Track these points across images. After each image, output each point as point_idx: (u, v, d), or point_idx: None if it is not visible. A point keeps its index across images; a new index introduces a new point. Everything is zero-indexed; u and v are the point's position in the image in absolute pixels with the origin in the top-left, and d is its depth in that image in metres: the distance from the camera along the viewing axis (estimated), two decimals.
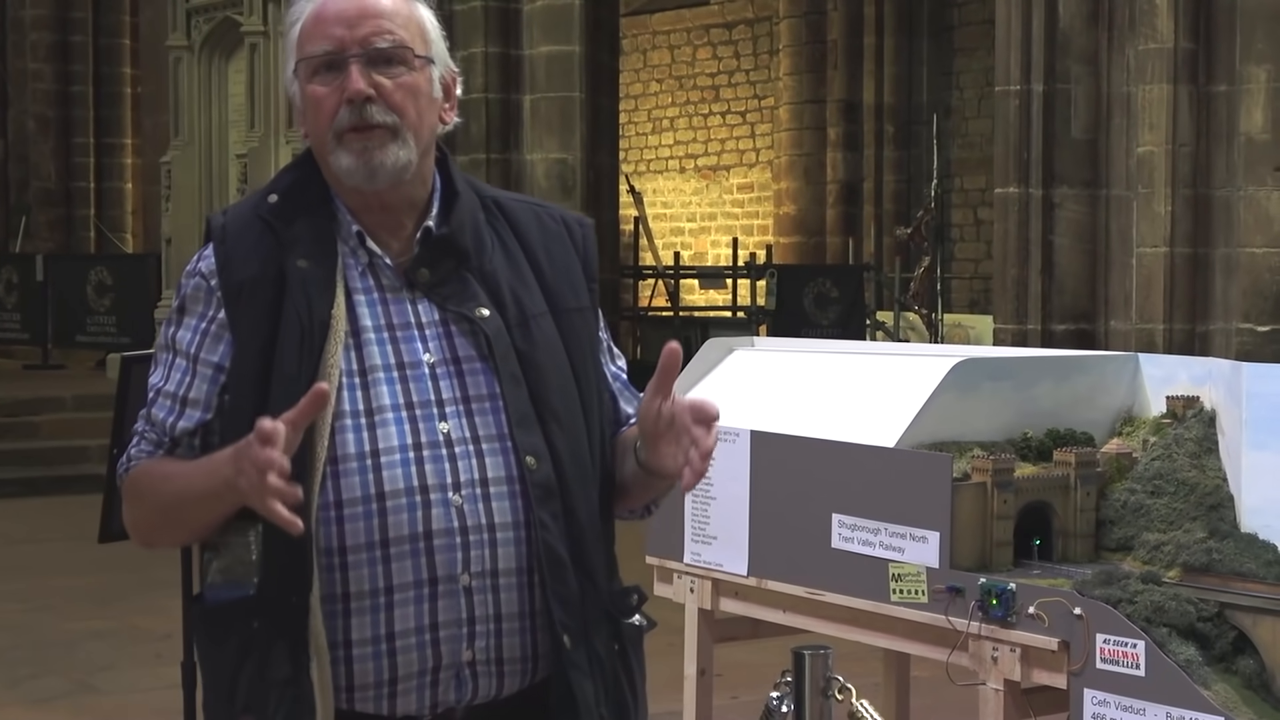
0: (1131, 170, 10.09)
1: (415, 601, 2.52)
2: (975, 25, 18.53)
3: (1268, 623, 3.73)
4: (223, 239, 2.61)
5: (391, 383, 2.56)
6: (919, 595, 4.13)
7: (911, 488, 4.13)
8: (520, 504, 2.57)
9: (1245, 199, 9.81)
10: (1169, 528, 4.12)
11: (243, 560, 2.54)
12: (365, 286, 2.60)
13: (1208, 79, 9.92)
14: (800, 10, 19.31)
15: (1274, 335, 9.74)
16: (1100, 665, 3.77)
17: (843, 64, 18.96)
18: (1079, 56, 10.19)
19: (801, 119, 19.26)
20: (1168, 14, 9.80)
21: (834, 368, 4.78)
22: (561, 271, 2.72)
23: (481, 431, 2.57)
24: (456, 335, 2.60)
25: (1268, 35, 9.74)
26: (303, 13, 2.62)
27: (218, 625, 2.58)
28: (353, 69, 2.55)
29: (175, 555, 5.33)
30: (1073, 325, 10.19)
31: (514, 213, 2.74)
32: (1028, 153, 10.20)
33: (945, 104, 18.46)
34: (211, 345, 2.59)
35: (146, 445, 2.62)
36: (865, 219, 18.70)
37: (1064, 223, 10.22)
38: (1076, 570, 4.09)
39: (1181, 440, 4.29)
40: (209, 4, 17.12)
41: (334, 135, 2.56)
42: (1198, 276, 9.97)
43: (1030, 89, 10.20)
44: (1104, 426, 4.53)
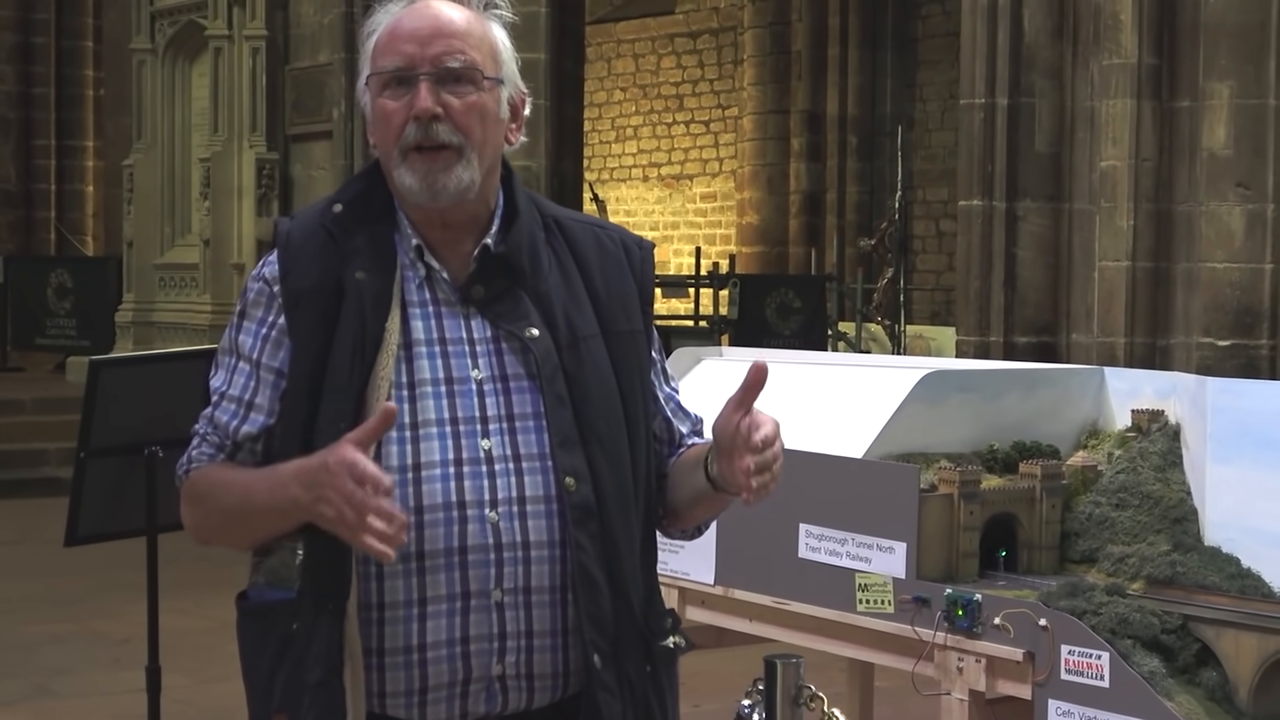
0: (1094, 184, 10.12)
1: (448, 614, 2.56)
2: (939, 38, 18.60)
3: (1230, 635, 3.76)
4: (287, 245, 2.66)
5: (439, 397, 2.60)
6: (885, 605, 4.16)
7: (879, 498, 4.16)
8: (557, 523, 2.60)
9: (1207, 214, 9.85)
10: (1133, 540, 4.16)
11: (288, 564, 2.61)
12: (421, 299, 2.64)
13: (1171, 94, 9.96)
14: (765, 21, 19.34)
15: (1234, 350, 9.79)
16: (1065, 676, 3.80)
17: (807, 75, 18.99)
18: (1043, 70, 10.22)
19: (765, 129, 19.29)
20: (1132, 29, 9.84)
21: (802, 378, 4.80)
22: (616, 294, 2.76)
23: (523, 450, 2.61)
24: (506, 353, 2.64)
25: (1231, 52, 9.78)
26: (379, 25, 2.67)
27: (260, 625, 2.64)
28: (422, 87, 2.59)
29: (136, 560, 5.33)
30: (1035, 338, 10.22)
31: (573, 233, 2.77)
32: (991, 165, 10.22)
33: (908, 116, 18.51)
34: (273, 351, 2.64)
35: (208, 448, 2.67)
36: (828, 229, 18.73)
37: (1027, 236, 10.24)
38: (1041, 582, 4.12)
39: (1146, 454, 4.33)
40: (173, 7, 17.06)
41: (400, 151, 2.61)
42: (1159, 291, 10.00)
43: (994, 102, 10.22)
44: (1069, 439, 4.56)
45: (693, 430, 2.90)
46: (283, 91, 16.25)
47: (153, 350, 12.65)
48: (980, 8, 10.27)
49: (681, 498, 2.81)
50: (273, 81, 16.19)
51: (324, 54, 15.69)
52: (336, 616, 2.52)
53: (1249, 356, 9.78)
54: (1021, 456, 4.38)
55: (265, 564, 2.66)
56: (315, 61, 15.92)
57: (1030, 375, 4.82)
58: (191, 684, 7.72)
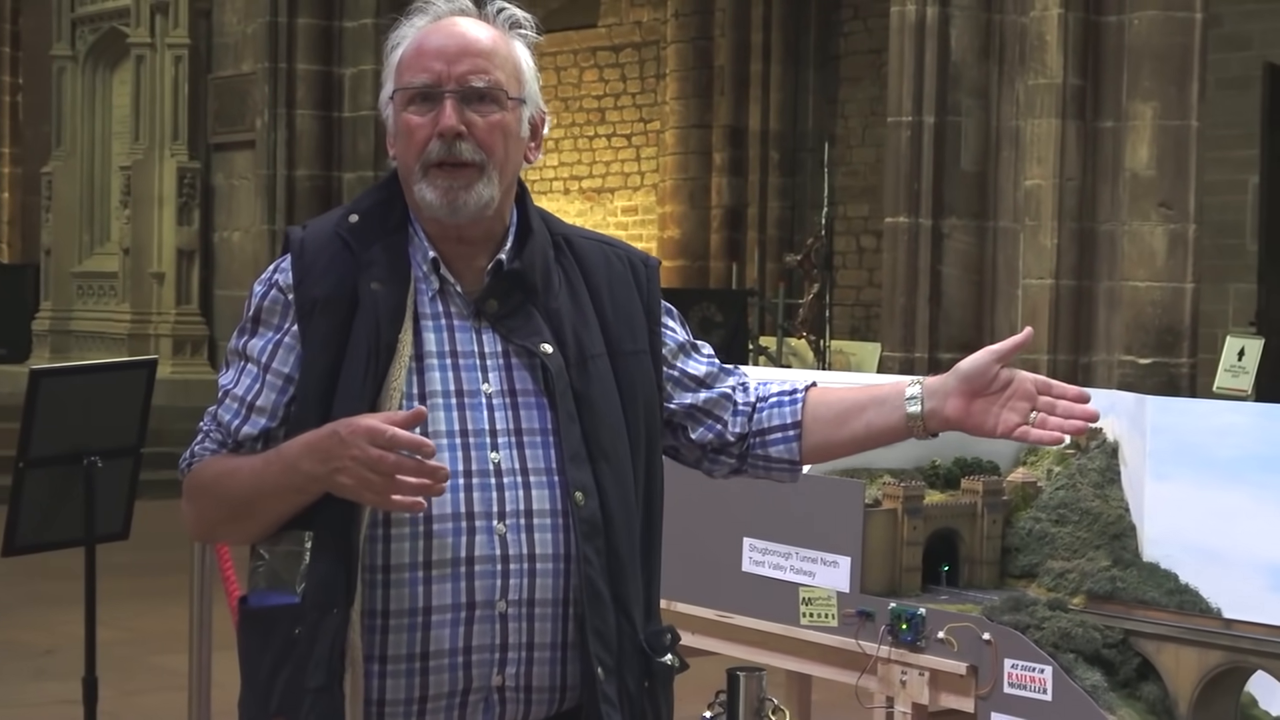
0: (1019, 203, 10.23)
1: (452, 624, 2.58)
2: (861, 55, 18.70)
3: (1171, 650, 3.82)
4: (301, 253, 2.68)
5: (449, 409, 2.62)
6: (829, 619, 4.20)
7: (824, 513, 4.20)
8: (562, 537, 2.63)
9: (1129, 233, 9.98)
10: (1073, 556, 4.21)
11: (292, 567, 2.61)
12: (434, 312, 2.67)
13: (1095, 115, 10.09)
14: (688, 36, 19.38)
15: (1155, 368, 9.91)
16: (1008, 689, 3.85)
17: (729, 90, 19.05)
18: (970, 89, 10.33)
19: (687, 143, 19.32)
20: (1057, 50, 9.96)
21: None
22: (623, 314, 2.79)
23: (531, 464, 2.64)
24: (516, 368, 2.67)
25: (1154, 73, 9.92)
26: (405, 38, 2.70)
27: (262, 628, 2.64)
28: (447, 104, 2.62)
29: (59, 570, 5.31)
30: (959, 354, 10.13)
31: (583, 251, 2.81)
32: (918, 183, 10.32)
33: (830, 132, 18.60)
34: (284, 356, 2.66)
35: (210, 443, 2.70)
36: (749, 244, 18.78)
37: (952, 253, 10.34)
38: (983, 596, 4.17)
39: (1085, 470, 4.38)
40: (95, 14, 16.98)
41: (421, 167, 2.64)
42: (1082, 309, 10.13)
43: (921, 120, 10.32)
44: (1008, 455, 4.61)
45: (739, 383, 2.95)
46: (205, 100, 16.20)
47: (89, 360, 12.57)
48: (908, 26, 10.37)
49: (836, 438, 2.90)
50: (195, 90, 16.14)
51: (247, 63, 15.66)
52: (341, 622, 2.53)
53: (1170, 374, 9.91)
54: (962, 472, 4.42)
55: (268, 567, 2.66)
56: (238, 70, 15.88)
57: None
58: (116, 695, 7.65)
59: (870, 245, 18.42)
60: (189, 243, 16.10)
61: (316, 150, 14.88)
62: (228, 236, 16.17)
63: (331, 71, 14.91)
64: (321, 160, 14.89)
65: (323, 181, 14.90)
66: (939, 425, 2.82)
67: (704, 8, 19.29)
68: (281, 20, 14.81)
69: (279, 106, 14.82)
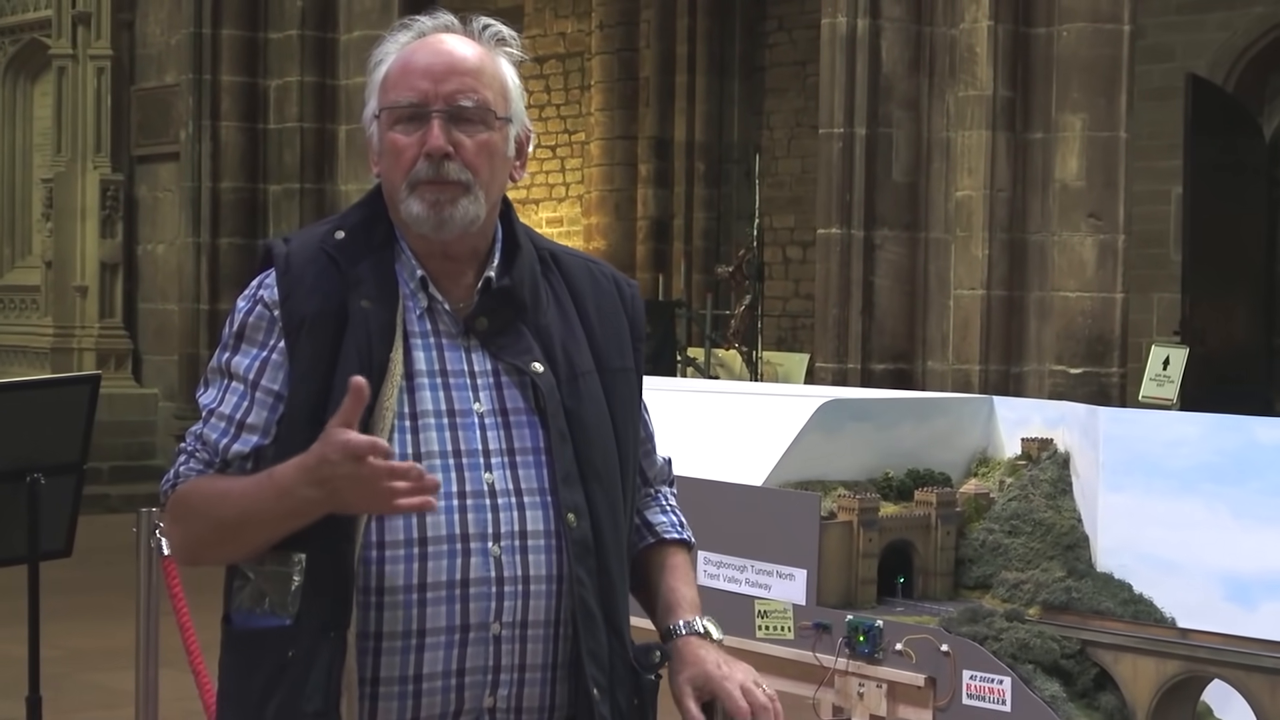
0: (950, 214, 10.28)
1: (445, 646, 2.56)
2: (786, 66, 18.75)
3: (1129, 660, 3.84)
4: (286, 269, 2.64)
5: (441, 429, 2.60)
6: (785, 632, 4.20)
7: (780, 526, 4.20)
8: (555, 558, 2.61)
9: (1059, 244, 10.05)
10: (1027, 566, 4.23)
11: (282, 589, 2.57)
12: (423, 330, 2.65)
13: (1025, 126, 10.16)
14: (612, 47, 19.38)
15: (1086, 378, 9.98)
16: (967, 701, 3.86)
17: (654, 101, 19.06)
18: (901, 101, 10.38)
19: (612, 155, 19.32)
20: (987, 62, 10.02)
21: (698, 407, 4.84)
22: (610, 330, 2.78)
23: (524, 485, 2.62)
24: (507, 386, 2.65)
25: (1083, 85, 9.99)
26: (389, 55, 2.68)
27: (250, 649, 2.60)
28: (435, 125, 2.60)
29: None
30: (891, 365, 10.35)
31: (569, 268, 2.79)
32: (849, 194, 10.35)
33: (755, 143, 18.63)
34: (272, 373, 2.62)
35: (196, 464, 2.64)
36: (675, 256, 18.79)
37: (884, 264, 10.38)
38: (938, 607, 4.19)
39: (1037, 481, 4.41)
40: (15, 25, 16.81)
41: (408, 185, 2.61)
42: (1013, 319, 10.19)
43: (853, 132, 10.36)
44: (959, 467, 4.64)
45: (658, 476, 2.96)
46: (128, 112, 16.06)
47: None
48: (839, 38, 10.40)
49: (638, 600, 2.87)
50: (118, 101, 16.00)
51: (171, 74, 15.55)
52: (338, 646, 2.50)
53: (1100, 384, 9.99)
54: (916, 484, 4.44)
55: (253, 589, 2.61)
56: (162, 82, 15.76)
57: (923, 404, 4.89)
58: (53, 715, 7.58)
59: (796, 256, 18.46)
60: (112, 256, 15.94)
61: (241, 162, 14.78)
62: (151, 249, 16.03)
63: (256, 83, 14.80)
64: (247, 172, 14.78)
65: (248, 194, 14.80)
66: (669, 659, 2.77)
67: (629, 19, 19.30)
68: (205, 31, 14.70)
69: (203, 118, 14.72)
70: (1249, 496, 3.90)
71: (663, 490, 2.97)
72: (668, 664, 2.75)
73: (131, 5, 16.12)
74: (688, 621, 2.80)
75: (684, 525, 2.96)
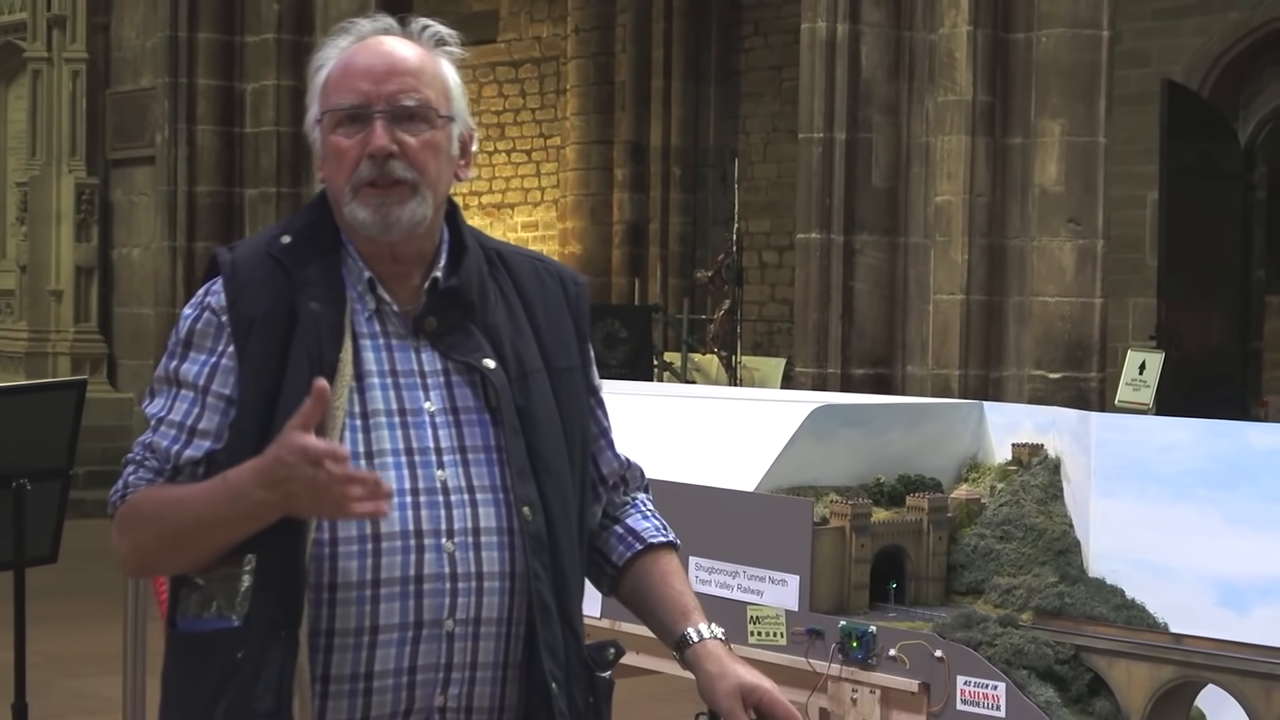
0: (929, 219, 10.28)
1: (398, 644, 2.55)
2: (762, 71, 18.77)
3: (1123, 665, 3.85)
4: (233, 275, 2.63)
5: (393, 428, 2.60)
6: (777, 637, 4.20)
7: (772, 531, 4.20)
8: (509, 555, 2.61)
9: (1039, 249, 10.05)
10: (1019, 572, 4.24)
11: (231, 591, 2.55)
12: (371, 332, 2.64)
13: (1004, 131, 10.16)
14: (588, 51, 19.38)
15: (1065, 382, 9.99)
16: (961, 706, 3.86)
17: (630, 106, 19.06)
18: (880, 106, 10.37)
19: (588, 159, 19.33)
20: (966, 67, 10.02)
21: (688, 412, 4.83)
22: (556, 330, 2.79)
23: (476, 482, 2.62)
24: (457, 385, 2.66)
25: (1061, 91, 10.00)
26: (328, 59, 2.67)
27: (196, 654, 2.58)
28: (378, 125, 2.60)
29: None
30: (871, 370, 10.35)
31: (515, 266, 2.80)
32: (830, 199, 10.34)
33: (731, 148, 18.65)
34: (223, 378, 2.60)
35: (145, 473, 2.61)
36: (651, 260, 18.80)
37: (864, 269, 10.37)
38: (930, 613, 4.18)
39: (1028, 487, 4.42)
40: None
41: (352, 187, 2.61)
42: (992, 324, 10.19)
43: (833, 136, 10.35)
44: (950, 472, 4.64)
45: (634, 482, 2.96)
46: (103, 115, 16.01)
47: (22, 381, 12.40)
48: (818, 43, 10.40)
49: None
50: (93, 105, 15.96)
51: (146, 78, 15.50)
52: (289, 644, 2.49)
53: (1079, 389, 10.00)
54: (907, 489, 4.44)
55: (200, 593, 2.59)
56: (138, 85, 15.72)
57: (913, 410, 4.90)
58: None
59: (773, 261, 18.48)
60: (87, 260, 15.90)
61: (217, 166, 14.71)
62: (127, 253, 15.99)
63: (233, 86, 14.75)
64: (223, 176, 14.72)
65: (224, 197, 14.74)
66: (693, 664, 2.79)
67: (604, 23, 19.30)
68: (182, 35, 14.63)
69: (179, 122, 14.65)
70: (1241, 502, 3.91)
71: (639, 496, 2.98)
72: (694, 669, 2.76)
73: (107, 8, 16.08)
74: (709, 627, 2.81)
75: (666, 527, 2.96)
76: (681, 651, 2.80)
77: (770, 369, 15.58)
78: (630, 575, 2.90)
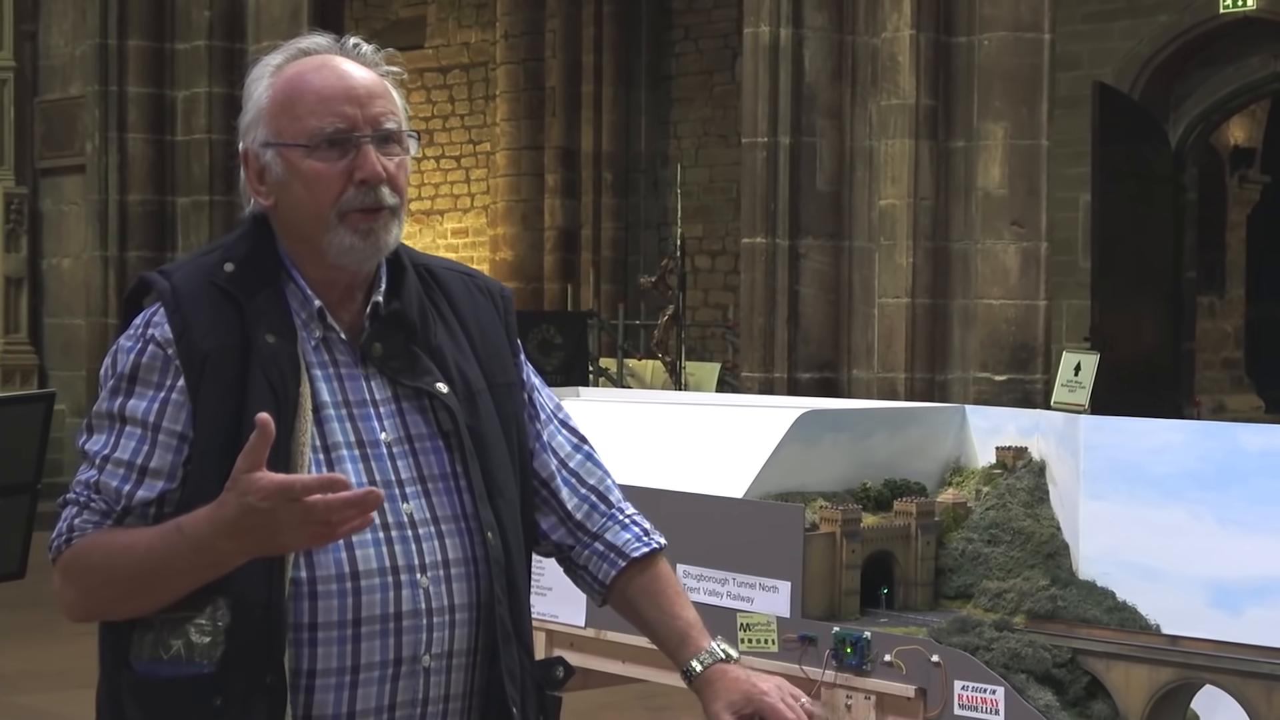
0: (874, 222, 10.32)
1: (379, 681, 2.49)
2: (693, 76, 18.80)
3: (1121, 668, 3.84)
4: (176, 306, 2.51)
5: (355, 460, 2.53)
6: (768, 644, 4.17)
7: (762, 538, 4.18)
8: (474, 585, 2.57)
9: (983, 252, 10.12)
10: (1007, 575, 4.23)
11: (199, 636, 2.45)
12: (320, 361, 2.56)
13: (947, 135, 10.22)
14: (518, 57, 19.35)
15: (1010, 385, 10.05)
16: (959, 711, 3.85)
17: (561, 111, 19.05)
18: (824, 110, 10.41)
19: (519, 165, 19.29)
20: (909, 71, 10.07)
21: (671, 419, 4.81)
22: (491, 346, 2.72)
23: (439, 512, 2.57)
24: (408, 412, 2.59)
25: (1004, 94, 10.07)
26: (265, 78, 2.58)
27: (166, 702, 2.46)
28: (370, 151, 2.52)
29: None
30: (817, 374, 10.37)
31: (447, 283, 2.73)
32: (774, 204, 10.37)
33: (663, 153, 18.67)
34: (174, 414, 2.48)
35: (91, 515, 2.49)
36: (583, 266, 18.79)
37: (809, 273, 10.40)
38: (920, 618, 4.17)
39: (1014, 490, 4.42)
40: None
41: (337, 214, 2.52)
42: (937, 327, 10.24)
43: (777, 141, 10.38)
44: (934, 476, 4.64)
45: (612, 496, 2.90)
46: (31, 124, 15.85)
47: None
48: (761, 48, 10.42)
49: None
50: (20, 114, 15.79)
51: (76, 86, 15.36)
52: (277, 690, 2.42)
53: (1024, 391, 10.06)
54: (893, 494, 4.43)
55: (157, 635, 2.45)
56: (66, 94, 15.57)
57: (897, 414, 4.89)
58: None
59: (705, 266, 18.50)
60: (17, 270, 15.73)
61: (149, 175, 14.59)
62: (57, 263, 15.83)
63: (164, 94, 14.63)
64: (154, 185, 14.60)
65: (156, 206, 14.62)
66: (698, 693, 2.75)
67: (534, 29, 19.28)
68: (111, 42, 14.52)
69: (110, 130, 14.53)
70: (1233, 503, 3.92)
71: (615, 506, 2.90)
72: (700, 696, 2.72)
73: (34, 16, 15.92)
74: (709, 651, 2.77)
75: (648, 531, 2.90)
76: (688, 684, 2.76)
77: (705, 373, 15.59)
78: (618, 594, 2.85)
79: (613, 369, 16.03)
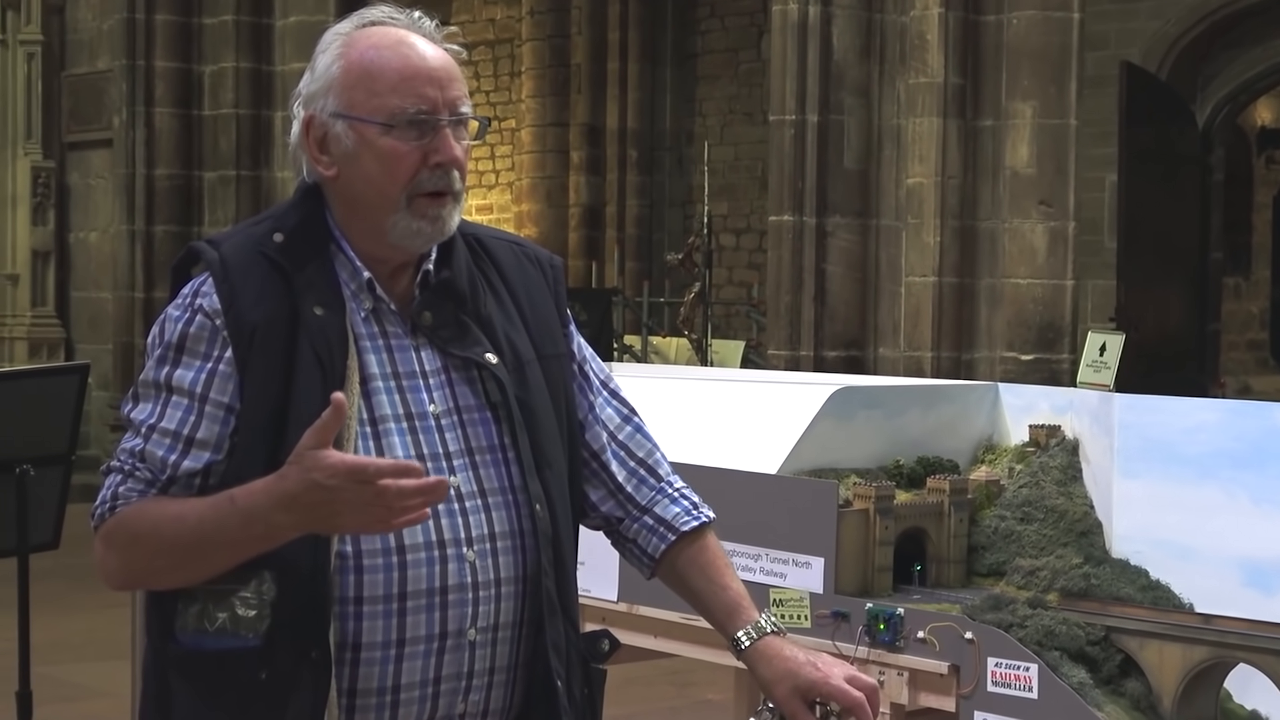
0: (901, 201, 10.32)
1: (424, 655, 2.50)
2: (718, 53, 18.76)
3: (1154, 646, 3.85)
4: (225, 276, 2.50)
5: (402, 434, 2.52)
6: (801, 620, 4.19)
7: (796, 514, 4.19)
8: (521, 558, 2.57)
9: (1010, 231, 10.10)
10: (1040, 553, 4.23)
11: (244, 609, 2.45)
12: (370, 333, 2.56)
13: (975, 114, 10.20)
14: (543, 34, 19.32)
15: (1037, 364, 10.04)
16: (992, 688, 3.86)
17: (586, 88, 19.02)
18: (852, 89, 10.40)
19: (544, 142, 19.28)
20: (938, 50, 10.05)
21: (705, 395, 4.82)
22: (541, 317, 2.72)
23: (487, 485, 2.57)
24: (458, 383, 2.59)
25: (1033, 73, 10.05)
26: (337, 45, 2.57)
27: (210, 675, 2.47)
28: (449, 134, 2.52)
29: None
30: (844, 352, 10.38)
31: (496, 253, 2.72)
32: (801, 182, 10.37)
33: (688, 130, 18.65)
34: (221, 385, 2.48)
35: (136, 484, 2.49)
36: (608, 243, 18.78)
37: (836, 251, 10.40)
38: (952, 595, 4.18)
39: (1047, 468, 4.41)
40: None
41: (407, 195, 2.52)
42: (964, 306, 10.23)
43: (805, 119, 10.37)
44: (966, 454, 4.64)
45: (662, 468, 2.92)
46: (59, 98, 15.88)
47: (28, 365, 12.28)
48: (790, 25, 10.41)
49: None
50: (49, 88, 15.82)
51: (103, 60, 15.39)
52: (321, 663, 2.42)
53: (1051, 370, 10.04)
54: (926, 471, 4.44)
55: (202, 608, 2.46)
56: (94, 68, 15.61)
57: (930, 391, 4.89)
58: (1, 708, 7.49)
59: (730, 244, 18.49)
60: (44, 243, 15.77)
61: (176, 149, 14.62)
62: (84, 237, 15.87)
63: (191, 69, 14.66)
64: (181, 159, 14.63)
65: (183, 180, 14.65)
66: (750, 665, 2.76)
67: (559, 5, 19.25)
68: (139, 16, 14.53)
69: (137, 104, 14.54)
70: (1268, 482, 3.91)
71: (664, 480, 2.92)
72: (752, 671, 2.74)
73: None
74: (757, 624, 2.78)
75: (697, 504, 2.92)
76: (738, 654, 2.77)
77: (730, 351, 15.57)
78: (667, 567, 2.86)
79: (637, 346, 16.02)
